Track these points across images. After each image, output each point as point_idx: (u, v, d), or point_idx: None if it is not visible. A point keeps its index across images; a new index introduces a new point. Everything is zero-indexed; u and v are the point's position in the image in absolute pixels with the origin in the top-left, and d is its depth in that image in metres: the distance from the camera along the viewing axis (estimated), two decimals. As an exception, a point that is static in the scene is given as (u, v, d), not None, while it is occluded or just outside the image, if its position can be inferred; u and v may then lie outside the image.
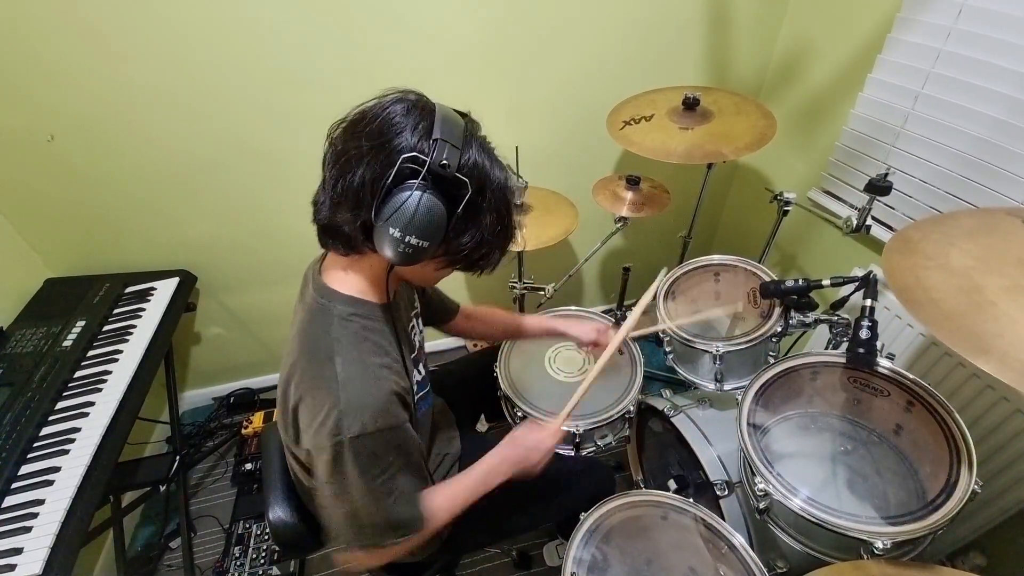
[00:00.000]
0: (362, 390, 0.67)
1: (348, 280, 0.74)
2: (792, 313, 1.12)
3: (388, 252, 0.62)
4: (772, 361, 1.08)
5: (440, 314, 1.11)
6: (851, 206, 1.48)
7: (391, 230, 0.60)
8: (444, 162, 0.60)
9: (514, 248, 0.76)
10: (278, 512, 0.88)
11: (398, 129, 0.61)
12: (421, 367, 0.89)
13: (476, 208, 0.66)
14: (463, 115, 0.68)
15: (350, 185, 0.62)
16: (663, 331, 1.20)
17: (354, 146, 0.62)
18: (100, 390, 1.16)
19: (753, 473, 0.89)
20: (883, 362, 0.94)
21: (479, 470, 0.86)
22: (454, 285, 1.86)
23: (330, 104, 1.48)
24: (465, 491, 0.83)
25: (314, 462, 0.70)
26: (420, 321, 0.97)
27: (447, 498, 0.80)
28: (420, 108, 0.63)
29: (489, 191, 0.66)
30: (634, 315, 1.02)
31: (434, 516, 0.77)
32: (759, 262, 1.26)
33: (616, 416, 1.13)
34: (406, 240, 0.61)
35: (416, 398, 0.84)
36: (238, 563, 1.47)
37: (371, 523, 0.72)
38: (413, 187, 0.59)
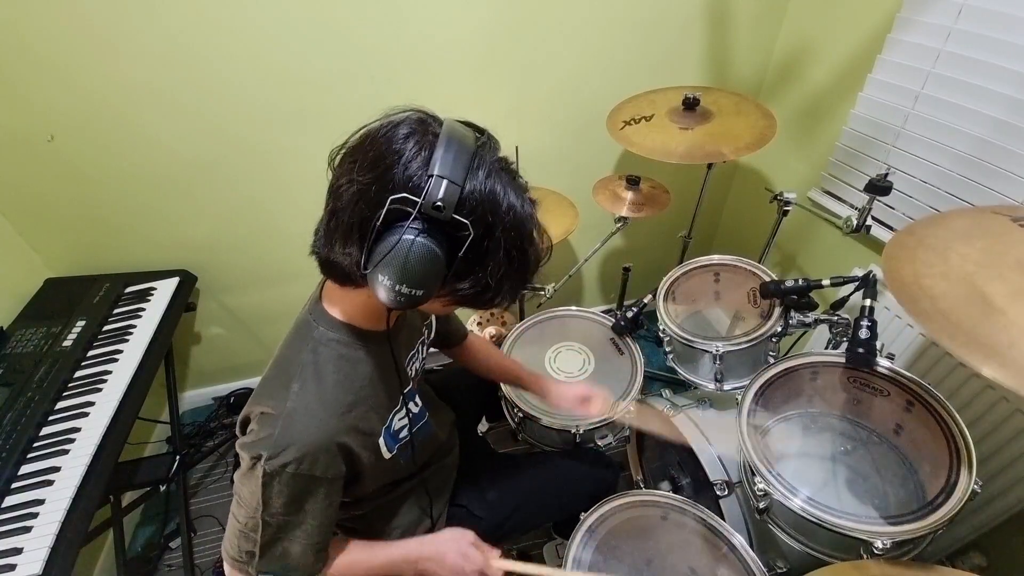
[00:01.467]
0: (304, 427, 0.63)
1: (342, 304, 0.71)
2: (792, 313, 1.12)
3: (382, 297, 0.56)
4: (772, 361, 1.08)
5: (448, 338, 1.07)
6: (851, 206, 1.48)
7: (381, 277, 0.54)
8: (439, 203, 0.52)
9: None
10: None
11: (391, 161, 0.54)
12: (415, 401, 0.85)
13: (480, 250, 0.57)
14: (480, 133, 0.60)
15: (341, 223, 0.57)
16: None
17: (346, 180, 0.56)
18: (100, 390, 1.16)
19: (753, 473, 0.89)
20: (883, 362, 0.94)
21: (390, 557, 0.79)
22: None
23: (330, 104, 1.49)
24: (364, 570, 0.79)
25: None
26: (426, 348, 0.93)
27: (345, 566, 0.76)
28: (423, 132, 0.56)
29: (499, 228, 0.57)
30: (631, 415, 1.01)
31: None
32: (759, 262, 1.26)
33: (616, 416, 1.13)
34: (397, 289, 0.54)
35: (406, 432, 0.81)
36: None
37: (245, 545, 0.68)
38: (403, 232, 0.52)
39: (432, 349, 1.00)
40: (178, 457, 1.42)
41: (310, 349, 0.68)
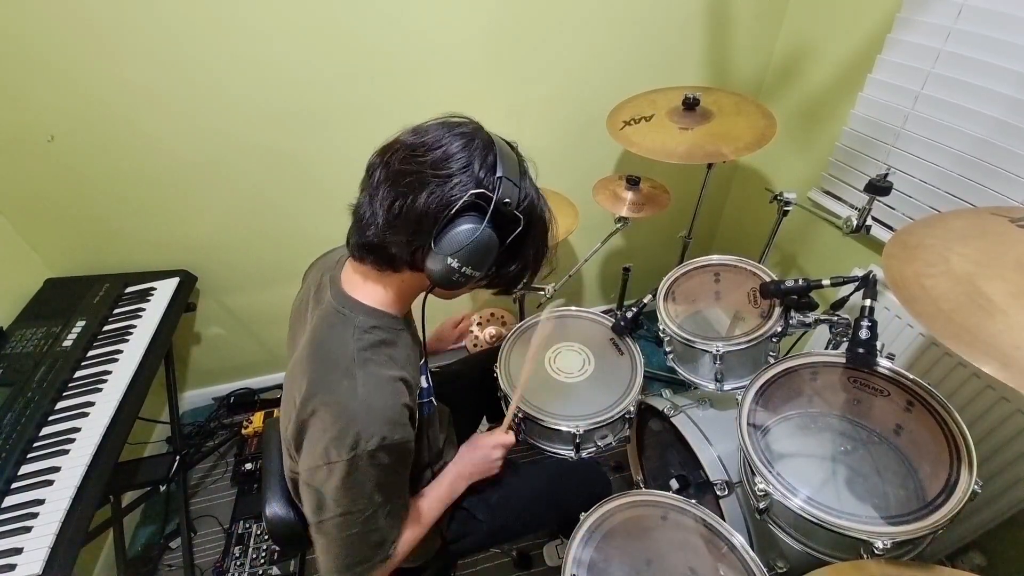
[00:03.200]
0: (382, 404, 0.67)
1: (373, 291, 0.74)
2: (792, 313, 1.12)
3: (438, 278, 0.65)
4: (772, 361, 1.08)
5: None
6: (851, 206, 1.48)
7: (449, 260, 0.63)
8: (507, 200, 0.63)
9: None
10: (275, 508, 0.88)
11: (464, 161, 0.63)
12: (426, 377, 0.89)
13: (523, 241, 0.69)
14: (512, 146, 0.71)
15: (411, 209, 0.63)
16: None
17: (416, 170, 0.63)
18: (100, 390, 1.16)
19: (753, 473, 0.89)
20: (883, 362, 0.94)
21: (442, 488, 0.90)
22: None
23: (331, 105, 1.49)
24: (430, 510, 0.86)
25: (317, 480, 0.67)
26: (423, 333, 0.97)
27: (414, 519, 0.82)
28: (482, 141, 0.66)
29: (536, 226, 0.71)
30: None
31: (405, 538, 0.79)
32: (759, 262, 1.26)
33: (616, 416, 1.13)
34: (462, 270, 0.64)
35: (420, 405, 0.84)
36: (238, 563, 1.47)
37: (372, 539, 0.72)
38: (479, 222, 0.62)
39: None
40: (178, 457, 1.42)
41: (355, 338, 0.70)
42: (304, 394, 0.67)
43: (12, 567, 0.86)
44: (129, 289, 1.46)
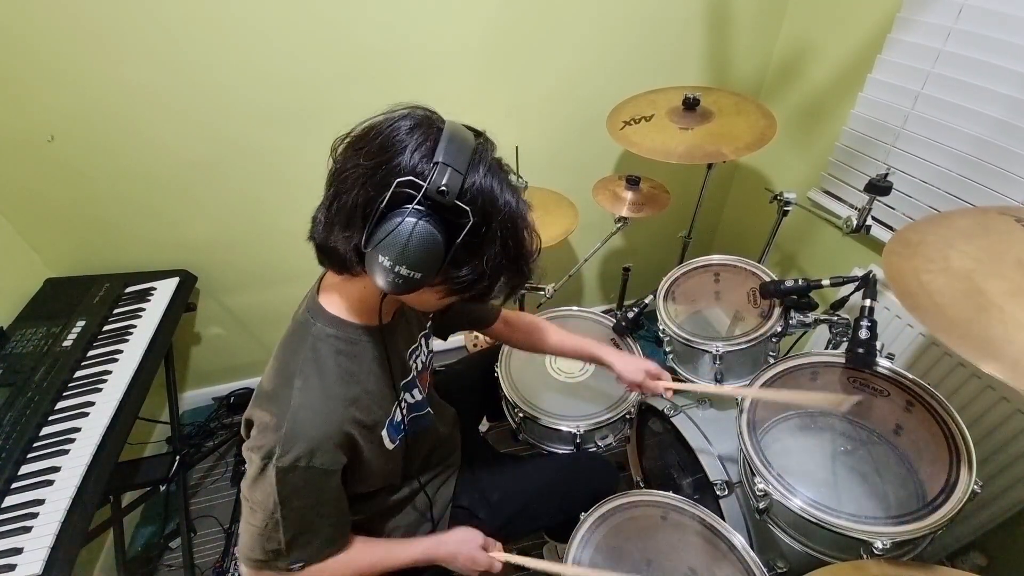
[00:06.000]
0: (310, 422, 0.65)
1: (338, 298, 0.72)
2: (792, 313, 1.12)
3: (378, 280, 0.58)
4: (772, 361, 1.08)
5: (479, 320, 1.08)
6: (851, 206, 1.48)
7: (380, 258, 0.56)
8: (443, 188, 0.54)
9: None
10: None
11: (398, 148, 0.56)
12: (416, 391, 0.87)
13: (478, 238, 0.59)
14: (478, 134, 0.63)
15: (344, 206, 0.58)
16: (669, 335, 1.21)
17: (352, 164, 0.58)
18: (100, 390, 1.16)
19: (753, 473, 0.89)
20: (883, 362, 0.94)
21: (409, 555, 0.83)
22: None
23: (330, 105, 1.49)
24: (385, 566, 0.81)
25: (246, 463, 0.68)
26: (428, 341, 0.94)
27: (367, 564, 0.79)
28: (427, 126, 0.59)
29: (496, 220, 0.59)
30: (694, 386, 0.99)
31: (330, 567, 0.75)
32: (759, 262, 1.26)
33: (616, 416, 1.13)
34: (396, 270, 0.56)
35: (407, 420, 0.83)
36: (238, 563, 1.47)
37: (269, 546, 0.69)
38: (406, 213, 0.54)
39: (439, 345, 0.99)
40: (178, 457, 1.42)
41: (309, 346, 0.69)
42: (256, 393, 0.70)
43: (12, 567, 0.86)
44: (129, 289, 1.46)
